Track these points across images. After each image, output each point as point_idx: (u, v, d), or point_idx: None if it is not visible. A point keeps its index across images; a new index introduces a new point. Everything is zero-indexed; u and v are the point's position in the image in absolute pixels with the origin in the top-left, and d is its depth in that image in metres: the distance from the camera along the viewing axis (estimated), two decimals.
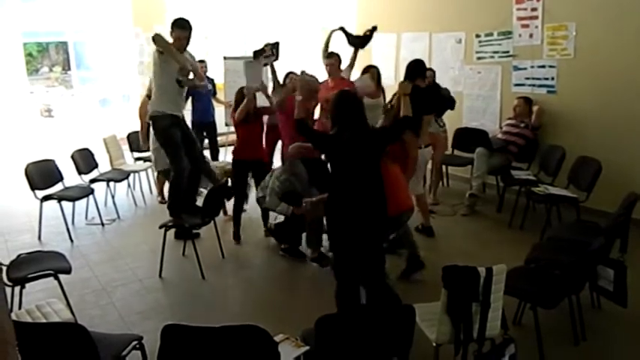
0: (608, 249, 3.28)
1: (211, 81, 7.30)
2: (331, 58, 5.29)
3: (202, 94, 6.46)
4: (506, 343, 2.57)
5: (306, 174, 4.41)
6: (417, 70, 4.69)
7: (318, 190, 4.28)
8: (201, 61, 7.16)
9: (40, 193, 5.08)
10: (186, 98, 5.58)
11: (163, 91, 4.54)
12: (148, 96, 5.58)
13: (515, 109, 5.72)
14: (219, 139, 7.09)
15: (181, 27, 4.46)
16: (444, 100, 5.87)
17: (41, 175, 5.11)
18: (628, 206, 3.49)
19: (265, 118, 5.09)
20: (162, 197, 6.23)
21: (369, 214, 3.05)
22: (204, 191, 5.00)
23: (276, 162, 5.60)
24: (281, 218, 4.74)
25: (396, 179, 3.54)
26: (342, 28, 5.59)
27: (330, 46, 5.58)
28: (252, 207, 5.30)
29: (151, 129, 5.08)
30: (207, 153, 6.12)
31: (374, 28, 5.56)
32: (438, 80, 6.03)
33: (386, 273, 3.56)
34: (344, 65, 5.46)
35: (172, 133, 4.59)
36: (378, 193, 3.08)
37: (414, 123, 4.18)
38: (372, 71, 5.20)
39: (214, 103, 7.17)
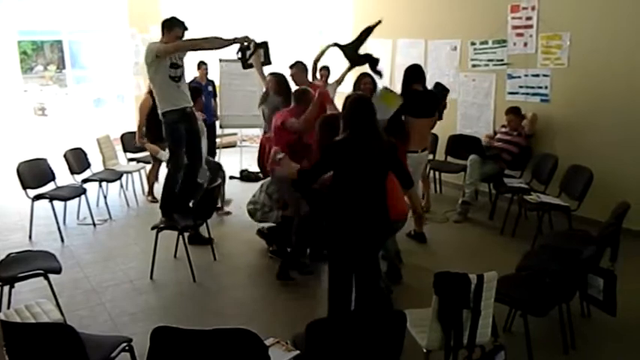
0: (599, 258, 3.29)
1: (211, 82, 7.30)
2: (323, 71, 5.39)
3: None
4: (496, 350, 2.57)
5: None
6: (414, 74, 4.72)
7: (303, 197, 4.26)
8: (203, 63, 7.18)
9: (32, 192, 5.05)
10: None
11: (163, 90, 4.51)
12: (150, 92, 5.59)
13: (510, 123, 5.68)
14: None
15: (181, 25, 4.46)
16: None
17: (33, 174, 5.08)
18: (619, 215, 3.52)
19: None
20: (153, 196, 6.22)
21: (372, 220, 3.02)
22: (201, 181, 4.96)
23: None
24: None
25: (392, 186, 3.54)
26: (336, 44, 5.19)
27: (323, 60, 5.66)
28: (241, 209, 5.26)
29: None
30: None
31: (370, 29, 5.26)
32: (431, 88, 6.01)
33: (382, 276, 3.57)
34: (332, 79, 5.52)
35: (177, 128, 4.56)
36: (381, 201, 3.05)
37: (398, 127, 4.23)
38: (365, 80, 5.11)
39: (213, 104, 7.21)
